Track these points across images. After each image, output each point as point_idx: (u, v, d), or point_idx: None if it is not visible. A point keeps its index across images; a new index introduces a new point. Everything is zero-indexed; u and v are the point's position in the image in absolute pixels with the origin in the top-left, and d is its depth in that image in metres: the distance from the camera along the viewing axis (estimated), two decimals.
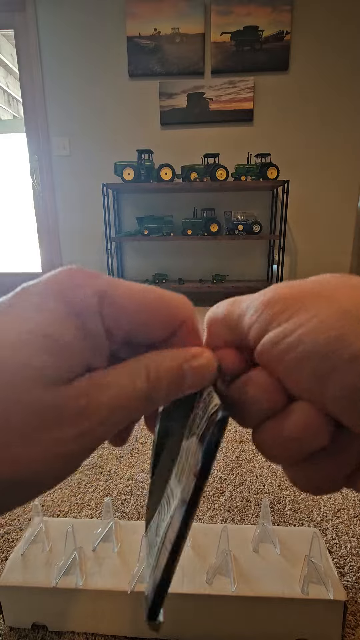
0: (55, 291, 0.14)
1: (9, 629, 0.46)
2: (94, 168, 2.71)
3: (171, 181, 2.42)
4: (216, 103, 2.56)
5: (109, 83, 2.58)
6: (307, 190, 2.65)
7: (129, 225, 2.79)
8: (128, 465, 0.78)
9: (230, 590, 0.43)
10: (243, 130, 2.61)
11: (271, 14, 2.40)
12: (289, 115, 2.56)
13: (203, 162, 2.47)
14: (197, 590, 0.43)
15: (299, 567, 0.45)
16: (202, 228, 2.49)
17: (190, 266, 2.84)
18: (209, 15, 2.44)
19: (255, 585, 0.43)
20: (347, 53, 2.43)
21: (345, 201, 2.66)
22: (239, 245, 2.79)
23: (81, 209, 2.80)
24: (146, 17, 2.46)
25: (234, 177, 2.44)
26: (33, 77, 2.60)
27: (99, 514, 0.65)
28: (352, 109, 2.51)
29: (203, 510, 0.67)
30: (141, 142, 2.62)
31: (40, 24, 2.52)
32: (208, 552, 0.48)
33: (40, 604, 0.45)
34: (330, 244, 2.75)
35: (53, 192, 2.79)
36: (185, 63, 2.52)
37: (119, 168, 2.40)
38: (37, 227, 2.90)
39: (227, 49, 2.48)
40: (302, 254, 2.78)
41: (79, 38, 2.52)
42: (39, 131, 2.68)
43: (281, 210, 2.47)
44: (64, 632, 0.45)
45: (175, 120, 2.61)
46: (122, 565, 0.46)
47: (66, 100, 2.63)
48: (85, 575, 0.45)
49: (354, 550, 0.57)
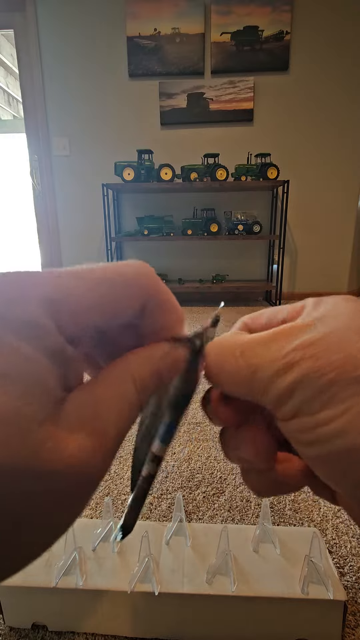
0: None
1: (9, 629, 0.46)
2: (94, 168, 2.71)
3: (171, 181, 2.42)
4: (216, 103, 2.56)
5: (109, 83, 2.58)
6: (307, 190, 2.65)
7: (129, 225, 2.79)
8: (128, 466, 0.78)
9: (230, 590, 0.43)
10: (243, 130, 2.61)
11: (271, 14, 2.40)
12: (289, 115, 2.56)
13: (203, 162, 2.47)
14: (197, 590, 0.43)
15: (299, 567, 0.45)
16: (202, 228, 2.49)
17: (190, 266, 2.84)
18: (209, 15, 2.44)
19: (255, 585, 0.43)
20: (347, 53, 2.43)
21: (345, 201, 2.66)
22: (239, 245, 2.79)
23: (81, 209, 2.80)
24: (146, 17, 2.46)
25: (234, 177, 2.44)
26: (33, 77, 2.60)
27: (98, 514, 0.65)
28: (352, 108, 2.51)
29: (203, 510, 0.67)
30: (141, 142, 2.62)
31: (40, 24, 2.52)
32: (208, 552, 0.48)
33: (40, 604, 0.45)
34: (330, 244, 2.75)
35: (53, 192, 2.79)
36: (185, 63, 2.52)
37: (119, 168, 2.40)
38: (37, 227, 2.90)
39: (227, 49, 2.48)
40: (302, 254, 2.78)
41: (79, 38, 2.52)
42: (39, 131, 2.68)
43: (281, 210, 2.47)
44: (64, 632, 0.45)
45: (175, 120, 2.61)
46: (122, 565, 0.46)
47: (66, 100, 2.63)
48: (85, 575, 0.45)
49: (354, 550, 0.57)
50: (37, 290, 0.12)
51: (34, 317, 0.12)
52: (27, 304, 0.12)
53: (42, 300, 0.12)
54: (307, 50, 2.46)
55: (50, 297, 0.12)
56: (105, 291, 0.14)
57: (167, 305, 0.16)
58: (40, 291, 0.12)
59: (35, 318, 0.12)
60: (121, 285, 0.14)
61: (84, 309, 0.13)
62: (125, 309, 0.14)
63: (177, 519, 0.52)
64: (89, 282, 0.13)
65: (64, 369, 0.12)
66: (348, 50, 2.43)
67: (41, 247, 2.95)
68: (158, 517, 0.66)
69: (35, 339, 0.11)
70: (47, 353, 0.12)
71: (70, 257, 2.91)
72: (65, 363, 0.12)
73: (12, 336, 0.11)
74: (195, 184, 2.39)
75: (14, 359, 0.11)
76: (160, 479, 0.76)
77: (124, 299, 0.14)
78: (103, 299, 0.14)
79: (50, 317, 0.12)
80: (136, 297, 0.15)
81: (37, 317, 0.12)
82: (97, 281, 0.14)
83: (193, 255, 2.83)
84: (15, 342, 0.11)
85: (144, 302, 0.15)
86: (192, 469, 0.80)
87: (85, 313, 0.13)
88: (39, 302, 0.12)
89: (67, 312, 0.12)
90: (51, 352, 0.12)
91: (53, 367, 0.12)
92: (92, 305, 0.13)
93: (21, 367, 0.11)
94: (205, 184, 2.39)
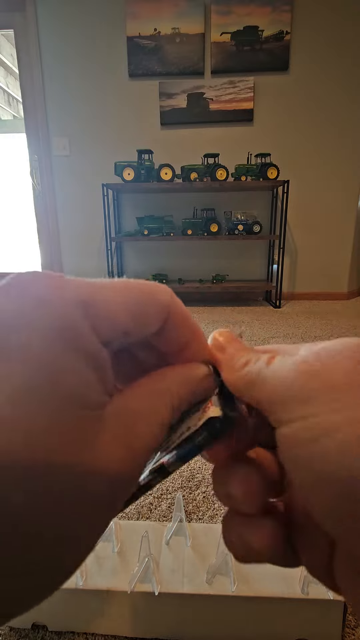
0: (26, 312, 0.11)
1: (9, 629, 0.46)
2: (94, 168, 2.71)
3: (171, 181, 2.42)
4: (216, 103, 2.56)
5: (109, 83, 2.58)
6: (307, 190, 2.65)
7: (129, 225, 2.79)
8: None
9: (230, 590, 0.43)
10: (243, 130, 2.61)
11: (271, 14, 2.40)
12: (289, 115, 2.56)
13: (203, 162, 2.47)
14: (197, 590, 0.43)
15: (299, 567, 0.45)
16: (202, 228, 2.49)
17: (190, 266, 2.84)
18: (209, 15, 2.44)
19: (255, 585, 0.43)
20: (347, 53, 2.43)
21: (345, 201, 2.67)
22: (239, 245, 2.79)
23: (81, 209, 2.80)
24: (146, 17, 2.46)
25: (234, 177, 2.44)
26: (33, 77, 2.60)
27: None
28: (352, 108, 2.51)
29: (203, 510, 0.67)
30: (141, 142, 2.62)
31: (40, 24, 2.52)
32: (208, 552, 0.48)
33: (40, 604, 0.45)
34: (330, 244, 2.75)
35: (53, 192, 2.79)
36: (185, 63, 2.52)
37: (119, 168, 2.40)
38: (37, 227, 2.90)
39: (227, 49, 2.48)
40: (302, 254, 2.78)
41: (79, 38, 2.52)
42: (39, 131, 2.68)
43: (281, 210, 2.47)
44: (64, 632, 0.45)
45: (175, 120, 2.61)
46: (122, 565, 0.46)
47: (66, 100, 2.63)
48: (85, 575, 0.45)
49: None
50: (72, 292, 0.12)
51: (72, 319, 0.11)
52: (64, 305, 0.11)
53: (78, 302, 0.12)
54: (307, 50, 2.46)
55: (85, 299, 0.12)
56: (134, 297, 0.14)
57: (188, 322, 0.16)
58: (74, 293, 0.12)
59: (74, 320, 0.11)
60: (148, 293, 0.14)
61: (117, 312, 0.13)
62: (153, 317, 0.14)
63: (177, 519, 0.52)
64: (117, 288, 0.13)
65: (101, 374, 0.12)
66: (348, 50, 2.43)
67: (41, 247, 2.95)
68: (158, 517, 0.66)
69: (73, 340, 0.11)
70: (84, 355, 0.11)
71: (70, 257, 2.91)
72: (103, 367, 0.12)
73: (52, 341, 0.11)
74: (195, 184, 2.39)
75: (59, 361, 0.11)
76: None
77: (152, 307, 0.14)
78: (133, 305, 0.13)
79: (87, 319, 0.12)
80: (161, 308, 0.15)
81: (75, 320, 0.11)
82: (124, 288, 0.14)
83: (193, 255, 2.83)
84: (59, 347, 0.11)
85: (166, 316, 0.15)
86: (192, 469, 0.80)
87: (119, 316, 0.13)
88: (76, 304, 0.12)
89: (102, 314, 0.12)
90: (88, 355, 0.11)
91: (90, 371, 0.11)
92: (124, 309, 0.13)
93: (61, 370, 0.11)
94: (205, 184, 2.39)
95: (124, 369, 0.16)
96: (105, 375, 0.12)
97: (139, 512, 0.67)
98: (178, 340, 0.16)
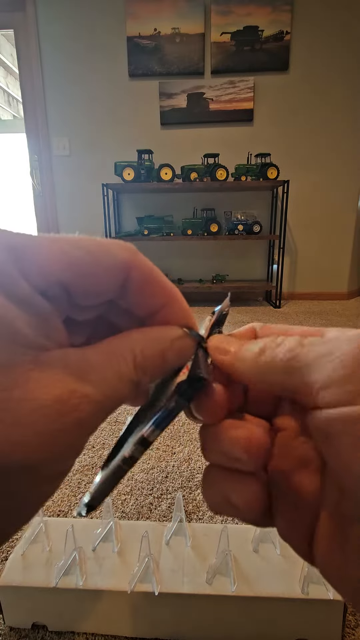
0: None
1: (9, 629, 0.46)
2: (94, 168, 2.71)
3: (171, 181, 2.42)
4: (216, 103, 2.56)
5: (109, 83, 2.58)
6: (307, 190, 2.65)
7: (129, 225, 2.79)
8: None
9: (230, 590, 0.43)
10: (243, 130, 2.61)
11: (271, 14, 2.40)
12: (289, 115, 2.56)
13: (203, 162, 2.47)
14: (197, 590, 0.43)
15: (299, 567, 0.45)
16: (202, 228, 2.50)
17: (190, 266, 2.84)
18: (209, 15, 2.44)
19: (255, 585, 0.43)
20: (347, 53, 2.43)
21: (345, 201, 2.66)
22: (239, 245, 2.79)
23: (81, 209, 2.80)
24: (146, 17, 2.46)
25: (234, 177, 2.44)
26: (33, 77, 2.60)
27: (99, 514, 0.65)
28: (352, 108, 2.51)
29: (203, 510, 0.67)
30: (141, 142, 2.62)
31: (40, 24, 2.52)
32: (208, 552, 0.48)
33: (40, 604, 0.45)
34: (330, 244, 2.75)
35: (53, 192, 2.79)
36: (185, 63, 2.52)
37: (119, 168, 2.40)
38: (37, 227, 2.90)
39: (227, 49, 2.48)
40: (302, 254, 2.78)
41: (79, 38, 2.52)
42: (39, 131, 2.68)
43: (281, 210, 2.47)
44: (64, 632, 0.45)
45: (175, 120, 2.61)
46: (122, 565, 0.46)
47: (66, 100, 2.63)
48: (85, 575, 0.45)
49: None
50: (3, 239, 0.12)
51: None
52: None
53: (9, 248, 0.12)
54: (307, 50, 2.46)
55: (12, 244, 0.12)
56: (82, 251, 0.13)
57: (158, 283, 0.15)
58: (5, 240, 0.12)
59: (1, 262, 0.12)
60: (100, 248, 0.14)
61: (50, 261, 0.13)
62: (107, 274, 0.14)
63: (177, 519, 0.52)
64: (61, 240, 0.13)
65: (38, 319, 0.12)
66: (348, 50, 2.43)
67: None
68: (158, 517, 0.66)
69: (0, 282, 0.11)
70: (14, 299, 0.12)
71: None
72: (39, 313, 0.12)
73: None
74: (195, 184, 2.39)
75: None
76: (160, 479, 0.76)
77: (103, 263, 0.14)
78: (77, 258, 0.13)
79: (13, 264, 0.12)
80: (117, 264, 0.14)
81: (3, 262, 0.12)
82: (71, 241, 0.13)
83: (193, 255, 2.83)
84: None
85: (125, 275, 0.14)
86: (192, 469, 0.80)
87: (52, 265, 0.13)
88: (8, 250, 0.12)
89: (32, 259, 0.12)
90: (18, 299, 0.12)
91: (22, 313, 0.12)
92: (60, 259, 0.13)
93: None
94: (205, 184, 2.39)
95: (102, 335, 0.16)
96: (44, 322, 0.12)
97: (139, 512, 0.67)
98: (147, 302, 0.15)
